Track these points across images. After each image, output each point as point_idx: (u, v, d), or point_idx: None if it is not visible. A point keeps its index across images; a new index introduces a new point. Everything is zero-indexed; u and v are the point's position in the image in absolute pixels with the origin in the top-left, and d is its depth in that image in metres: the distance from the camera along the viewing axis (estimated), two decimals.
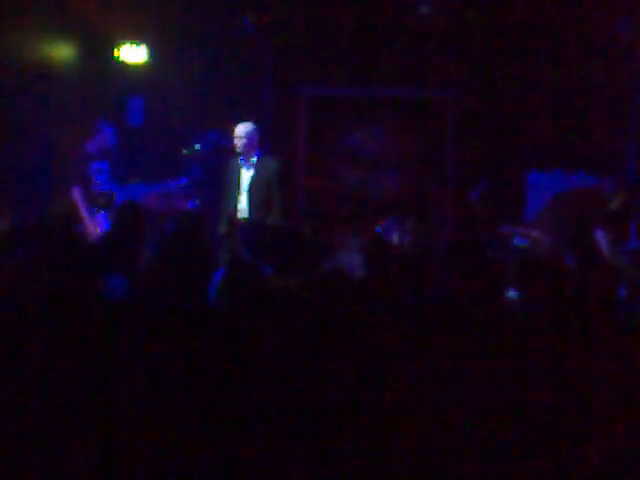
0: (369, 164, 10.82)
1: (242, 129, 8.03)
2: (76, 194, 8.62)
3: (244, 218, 8.01)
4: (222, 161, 8.40)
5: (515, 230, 8.45)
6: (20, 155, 9.81)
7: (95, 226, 8.48)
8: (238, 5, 10.04)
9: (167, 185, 8.96)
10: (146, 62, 10.04)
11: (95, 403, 4.08)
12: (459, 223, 10.00)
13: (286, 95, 10.72)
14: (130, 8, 9.64)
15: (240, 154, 8.06)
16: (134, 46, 9.94)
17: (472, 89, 10.39)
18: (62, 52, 9.89)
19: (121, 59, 9.94)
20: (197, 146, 8.10)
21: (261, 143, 8.21)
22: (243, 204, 8.07)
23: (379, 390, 4.09)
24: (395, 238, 8.62)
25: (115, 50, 9.90)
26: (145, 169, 9.24)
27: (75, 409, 4.07)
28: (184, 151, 8.27)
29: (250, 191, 8.03)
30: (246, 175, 8.08)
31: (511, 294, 5.20)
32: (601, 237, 7.76)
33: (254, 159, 8.05)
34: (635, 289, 5.29)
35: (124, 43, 9.91)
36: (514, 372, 4.20)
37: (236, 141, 8.01)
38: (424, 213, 10.10)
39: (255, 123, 8.18)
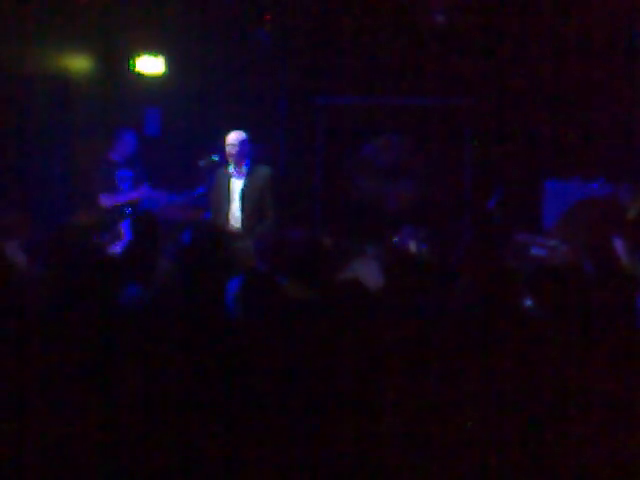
0: (386, 173, 10.82)
1: (234, 137, 8.07)
2: (104, 201, 8.68)
3: (237, 227, 8.02)
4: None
5: (533, 239, 8.42)
6: (39, 167, 9.87)
7: (120, 234, 8.51)
8: (254, 16, 10.07)
9: (186, 195, 9.01)
10: (163, 73, 10.08)
11: (114, 410, 4.10)
12: (476, 232, 9.99)
13: (302, 105, 10.74)
14: (147, 20, 9.70)
15: (231, 163, 8.09)
16: (151, 57, 9.99)
17: (489, 97, 10.38)
18: (80, 64, 9.95)
19: (138, 70, 10.00)
20: (214, 157, 8.13)
21: (254, 150, 8.23)
22: (236, 213, 8.09)
23: (396, 398, 4.09)
24: (412, 247, 8.61)
25: (132, 61, 9.94)
26: (163, 179, 9.27)
27: (93, 416, 4.09)
28: (201, 162, 8.29)
29: (243, 200, 8.04)
30: (237, 184, 8.09)
31: (528, 303, 5.19)
32: (619, 246, 7.73)
33: (244, 168, 8.06)
34: None
35: (141, 54, 9.96)
36: (530, 381, 4.20)
37: (229, 149, 8.05)
38: (441, 222, 10.09)
39: (272, 133, 8.22)
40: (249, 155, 8.10)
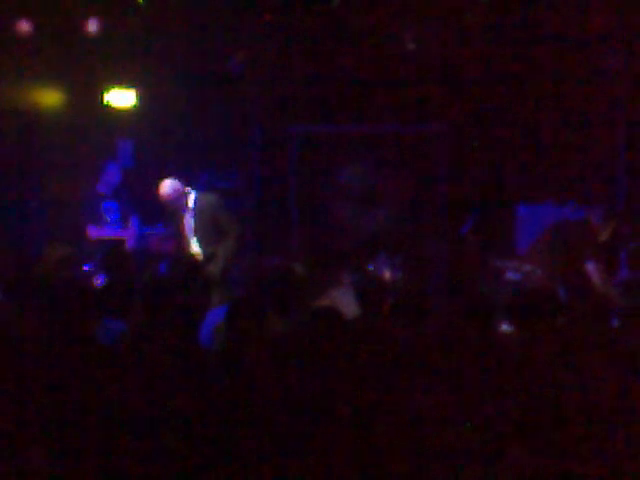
0: (360, 200, 10.85)
1: (166, 193, 8.05)
2: (91, 233, 8.66)
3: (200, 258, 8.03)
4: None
5: (507, 264, 8.46)
6: (12, 201, 9.84)
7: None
8: (226, 46, 10.11)
9: (169, 227, 9.08)
10: (134, 105, 10.08)
11: (94, 446, 4.09)
12: (451, 258, 10.02)
13: (276, 134, 10.77)
14: (118, 53, 9.70)
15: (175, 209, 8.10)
16: (123, 90, 9.99)
17: (462, 124, 10.44)
18: (50, 98, 9.94)
19: (109, 103, 9.99)
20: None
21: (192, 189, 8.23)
22: (195, 246, 8.12)
23: (376, 426, 4.10)
24: (387, 274, 8.63)
25: (103, 94, 9.94)
26: (138, 210, 9.27)
27: (73, 453, 4.07)
28: None
29: (196, 231, 8.08)
30: (189, 219, 8.13)
31: (504, 327, 5.22)
32: (592, 269, 7.77)
33: (190, 204, 8.08)
34: (627, 319, 5.29)
35: (112, 87, 9.96)
36: (509, 403, 4.21)
37: (164, 202, 8.05)
38: (415, 249, 10.12)
39: (246, 162, 8.21)
40: (187, 194, 8.08)
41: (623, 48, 9.60)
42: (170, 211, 8.17)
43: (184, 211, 8.10)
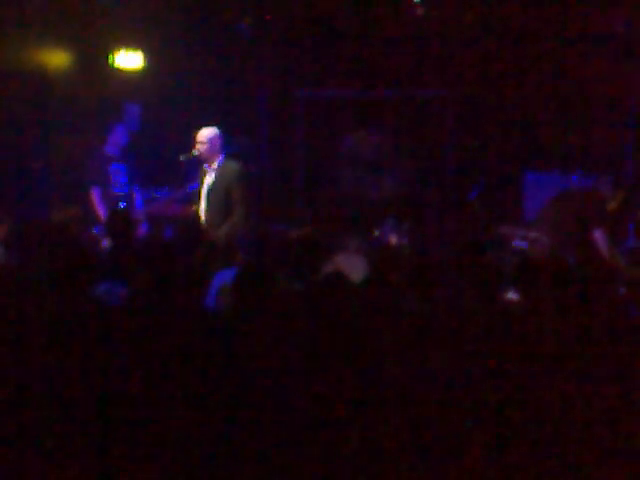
0: (367, 166, 10.82)
1: (204, 134, 8.00)
2: (95, 195, 8.64)
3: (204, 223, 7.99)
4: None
5: (514, 231, 8.44)
6: (20, 162, 9.82)
7: None
8: (234, 9, 10.05)
9: (180, 191, 9.05)
10: (142, 68, 10.04)
11: (94, 406, 4.10)
12: (457, 224, 10.00)
13: (283, 98, 10.73)
14: (126, 15, 9.65)
15: (203, 159, 8.06)
16: (130, 52, 9.94)
17: (470, 89, 10.39)
18: (58, 60, 9.89)
19: (117, 65, 9.95)
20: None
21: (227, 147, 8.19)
22: (202, 210, 8.07)
23: (379, 392, 4.10)
24: (393, 240, 8.63)
25: (111, 56, 9.90)
26: (145, 174, 9.25)
27: (74, 411, 4.08)
28: (182, 157, 8.25)
29: (208, 197, 8.02)
30: (208, 181, 8.07)
31: (511, 295, 5.21)
32: (600, 237, 7.76)
33: (216, 164, 8.03)
34: (634, 288, 5.29)
35: (120, 49, 9.91)
36: (515, 372, 4.22)
37: (198, 146, 7.99)
38: (422, 215, 10.11)
39: (253, 127, 8.16)
40: (220, 151, 8.04)
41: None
42: (201, 161, 8.07)
43: (210, 170, 8.03)
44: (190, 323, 4.43)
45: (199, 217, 8.03)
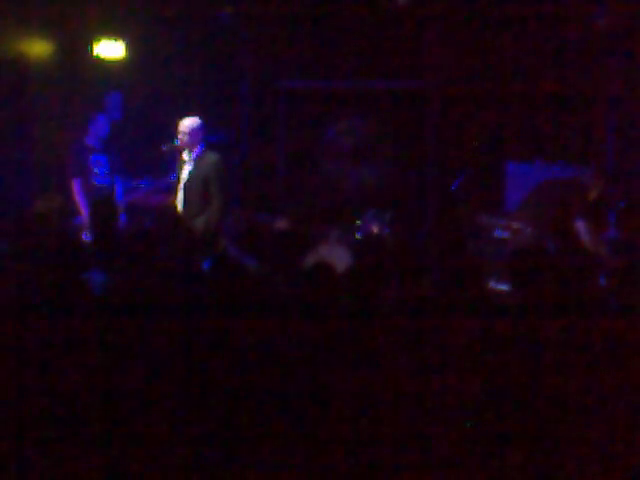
0: (348, 156, 10.82)
1: (185, 124, 8.02)
2: (75, 186, 8.61)
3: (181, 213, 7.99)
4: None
5: (496, 221, 8.47)
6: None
7: None
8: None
9: (159, 180, 9.02)
10: (123, 57, 10.00)
11: (82, 397, 4.10)
12: (439, 215, 10.02)
13: (264, 88, 10.71)
14: (107, 4, 9.60)
15: (184, 149, 8.06)
16: (111, 42, 9.89)
17: (452, 80, 10.40)
18: (38, 49, 9.84)
19: (98, 55, 9.90)
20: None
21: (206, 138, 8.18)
22: (180, 200, 8.08)
23: (366, 382, 4.11)
24: (375, 230, 8.64)
25: (92, 46, 9.85)
26: (127, 164, 9.22)
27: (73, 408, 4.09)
28: (163, 146, 8.23)
29: (185, 186, 8.03)
30: (187, 171, 8.08)
31: (499, 286, 5.23)
32: (581, 227, 7.80)
33: (194, 154, 8.03)
34: (615, 278, 5.32)
35: (101, 39, 9.87)
36: (499, 362, 4.23)
37: (180, 136, 8.01)
38: (404, 205, 10.12)
39: (234, 117, 8.14)
40: (201, 142, 8.03)
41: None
42: (182, 150, 8.06)
43: (188, 161, 8.02)
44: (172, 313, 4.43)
45: (176, 207, 8.04)
